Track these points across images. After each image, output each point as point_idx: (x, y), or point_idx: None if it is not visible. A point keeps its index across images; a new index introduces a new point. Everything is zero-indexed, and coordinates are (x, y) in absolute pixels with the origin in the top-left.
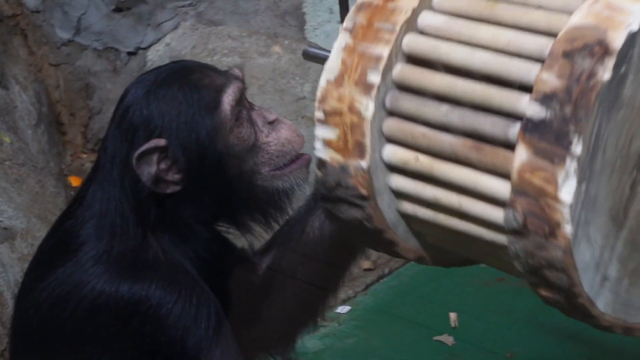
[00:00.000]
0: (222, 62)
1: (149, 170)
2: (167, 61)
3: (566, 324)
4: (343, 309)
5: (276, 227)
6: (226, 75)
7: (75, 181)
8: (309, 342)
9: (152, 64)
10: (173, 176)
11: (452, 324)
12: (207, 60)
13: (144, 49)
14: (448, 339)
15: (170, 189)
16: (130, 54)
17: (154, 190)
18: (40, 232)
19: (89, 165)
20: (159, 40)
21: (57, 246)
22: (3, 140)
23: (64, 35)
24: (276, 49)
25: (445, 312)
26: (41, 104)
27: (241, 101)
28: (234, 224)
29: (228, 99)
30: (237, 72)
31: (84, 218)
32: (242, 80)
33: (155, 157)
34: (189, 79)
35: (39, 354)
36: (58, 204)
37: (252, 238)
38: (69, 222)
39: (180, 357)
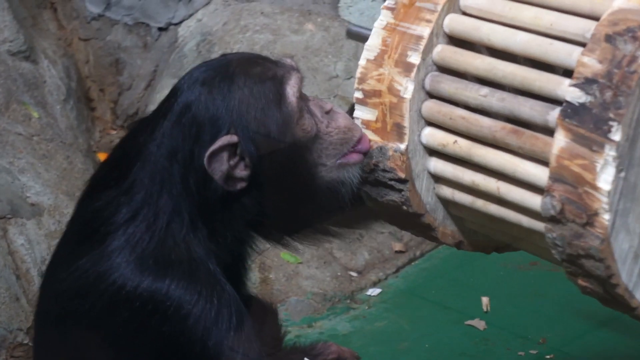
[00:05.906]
0: (254, 39)
1: (220, 168)
2: (198, 37)
3: (600, 309)
4: (373, 292)
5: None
6: (284, 66)
7: (103, 157)
8: (338, 324)
9: (183, 40)
10: (241, 173)
11: (484, 308)
12: (239, 38)
13: (176, 24)
14: (480, 324)
15: (239, 186)
16: (161, 29)
17: (222, 189)
18: (68, 209)
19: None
20: (190, 15)
21: (85, 229)
22: (31, 115)
23: (95, 9)
24: (309, 26)
25: (477, 296)
26: (70, 79)
27: (301, 92)
28: (281, 229)
29: (292, 90)
30: (291, 62)
31: (118, 204)
32: (299, 71)
33: (226, 154)
34: (251, 72)
35: (59, 343)
36: (86, 180)
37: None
38: (100, 203)
39: (201, 357)
